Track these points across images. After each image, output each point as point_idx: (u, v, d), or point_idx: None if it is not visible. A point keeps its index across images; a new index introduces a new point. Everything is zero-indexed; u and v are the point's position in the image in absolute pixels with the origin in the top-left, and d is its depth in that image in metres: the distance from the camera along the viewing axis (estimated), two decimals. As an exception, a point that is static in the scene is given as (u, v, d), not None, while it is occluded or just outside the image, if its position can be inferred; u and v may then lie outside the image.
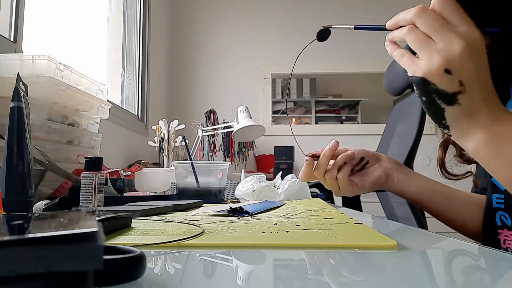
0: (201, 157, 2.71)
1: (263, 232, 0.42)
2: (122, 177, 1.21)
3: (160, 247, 0.35)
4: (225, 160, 2.87)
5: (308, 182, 1.12)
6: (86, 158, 0.73)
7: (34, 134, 0.88)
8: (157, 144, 1.92)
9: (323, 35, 0.56)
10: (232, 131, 1.78)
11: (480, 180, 0.70)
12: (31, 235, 0.16)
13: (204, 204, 0.85)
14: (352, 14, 3.33)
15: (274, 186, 1.05)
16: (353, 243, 0.36)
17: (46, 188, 0.90)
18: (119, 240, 0.37)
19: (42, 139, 0.92)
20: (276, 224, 0.49)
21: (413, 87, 1.51)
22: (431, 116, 0.47)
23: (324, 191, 2.18)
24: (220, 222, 0.51)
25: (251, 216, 0.59)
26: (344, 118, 3.34)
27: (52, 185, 0.91)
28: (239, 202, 0.98)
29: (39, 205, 0.68)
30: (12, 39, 1.33)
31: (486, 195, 0.63)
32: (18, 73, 0.69)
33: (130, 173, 1.26)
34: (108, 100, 1.26)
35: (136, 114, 2.57)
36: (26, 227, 0.23)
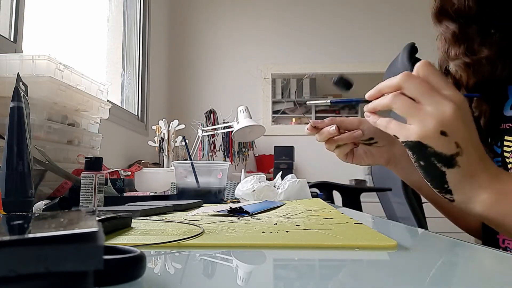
0: (201, 157, 2.71)
1: (263, 232, 0.42)
2: (122, 177, 1.21)
3: (160, 247, 0.35)
4: (225, 160, 2.87)
5: (308, 182, 1.12)
6: (86, 158, 0.73)
7: (34, 134, 0.88)
8: (157, 144, 1.92)
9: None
10: (232, 131, 1.78)
11: None
12: (31, 235, 0.16)
13: (204, 204, 0.85)
14: (352, 14, 3.33)
15: (274, 186, 1.05)
16: (353, 243, 0.36)
17: (46, 188, 0.90)
18: (119, 240, 0.37)
19: (42, 139, 0.92)
20: (276, 224, 0.49)
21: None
22: (431, 181, 0.46)
23: (324, 191, 2.18)
24: (220, 222, 0.51)
25: (251, 216, 0.59)
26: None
27: (52, 185, 0.91)
28: (239, 202, 0.98)
29: (39, 205, 0.68)
30: (12, 39, 1.33)
31: None
32: (18, 73, 0.69)
33: (130, 173, 1.26)
34: (108, 100, 1.26)
35: (136, 114, 2.57)
36: (26, 227, 0.23)
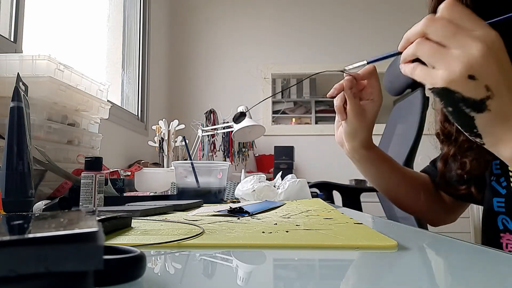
0: (201, 157, 2.71)
1: (263, 232, 0.42)
2: (122, 177, 1.21)
3: (160, 247, 0.35)
4: (225, 160, 2.87)
5: (308, 182, 1.12)
6: (86, 158, 0.73)
7: (34, 134, 0.88)
8: (157, 144, 1.92)
9: None
10: (232, 131, 1.78)
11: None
12: (31, 235, 0.16)
13: (204, 204, 0.85)
14: (352, 14, 3.33)
15: (274, 186, 1.05)
16: (353, 243, 0.36)
17: (46, 188, 0.90)
18: (119, 240, 0.37)
19: (42, 139, 0.92)
20: (276, 224, 0.49)
21: (413, 86, 1.52)
22: (460, 126, 0.44)
23: (324, 191, 2.18)
24: (220, 222, 0.51)
25: (251, 216, 0.59)
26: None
27: (52, 185, 0.91)
28: (239, 202, 0.98)
29: (39, 205, 0.68)
30: (12, 39, 1.33)
31: (486, 199, 0.63)
32: (18, 73, 0.69)
33: (130, 173, 1.26)
34: (108, 100, 1.26)
35: (136, 114, 2.57)
36: (26, 227, 0.23)
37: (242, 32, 3.37)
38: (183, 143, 1.59)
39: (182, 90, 3.34)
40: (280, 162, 2.77)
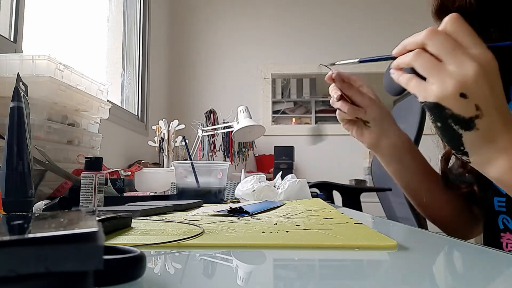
0: (201, 157, 2.71)
1: (263, 232, 0.42)
2: (122, 177, 1.21)
3: (160, 247, 0.35)
4: (225, 160, 2.87)
5: (308, 182, 1.12)
6: (86, 158, 0.73)
7: (34, 134, 0.88)
8: (157, 144, 1.92)
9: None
10: (232, 131, 1.78)
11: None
12: (31, 235, 0.16)
13: (204, 204, 0.85)
14: (352, 14, 3.33)
15: (274, 186, 1.05)
16: (353, 243, 0.36)
17: (46, 188, 0.90)
18: (119, 240, 0.37)
19: (42, 139, 0.92)
20: (276, 224, 0.49)
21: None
22: (448, 142, 0.46)
23: (324, 191, 2.18)
24: (220, 222, 0.51)
25: (251, 216, 0.59)
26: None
27: (52, 185, 0.91)
28: (239, 202, 0.98)
29: (39, 205, 0.68)
30: (12, 39, 1.33)
31: (488, 198, 0.63)
32: (18, 73, 0.69)
33: (130, 173, 1.26)
34: (108, 100, 1.26)
35: (136, 114, 2.57)
36: (26, 227, 0.23)
37: (242, 32, 3.37)
38: (183, 143, 1.59)
39: (182, 90, 3.34)
40: (280, 162, 2.77)
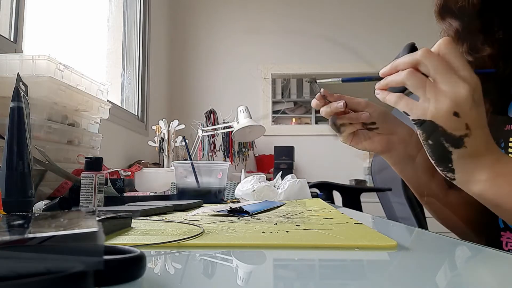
0: (201, 157, 2.71)
1: (263, 232, 0.42)
2: (122, 177, 1.21)
3: (160, 247, 0.35)
4: (225, 160, 2.87)
5: (308, 182, 1.12)
6: (86, 158, 0.73)
7: (34, 134, 0.88)
8: (157, 144, 1.92)
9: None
10: (232, 131, 1.78)
11: None
12: (31, 235, 0.16)
13: (204, 204, 0.85)
14: (352, 14, 3.33)
15: (274, 186, 1.05)
16: (353, 243, 0.36)
17: (46, 188, 0.90)
18: (119, 240, 0.37)
19: (42, 139, 0.92)
20: (276, 224, 0.49)
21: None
22: (436, 160, 0.47)
23: (324, 191, 2.18)
24: (220, 222, 0.51)
25: (251, 216, 0.59)
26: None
27: (52, 185, 0.91)
28: (239, 202, 0.98)
29: (39, 205, 0.68)
30: (12, 39, 1.33)
31: None
32: (18, 73, 0.69)
33: (130, 173, 1.26)
34: (108, 100, 1.26)
35: (136, 114, 2.57)
36: (26, 227, 0.23)
37: (242, 32, 3.37)
38: (183, 143, 1.59)
39: (182, 90, 3.34)
40: (280, 162, 2.77)
